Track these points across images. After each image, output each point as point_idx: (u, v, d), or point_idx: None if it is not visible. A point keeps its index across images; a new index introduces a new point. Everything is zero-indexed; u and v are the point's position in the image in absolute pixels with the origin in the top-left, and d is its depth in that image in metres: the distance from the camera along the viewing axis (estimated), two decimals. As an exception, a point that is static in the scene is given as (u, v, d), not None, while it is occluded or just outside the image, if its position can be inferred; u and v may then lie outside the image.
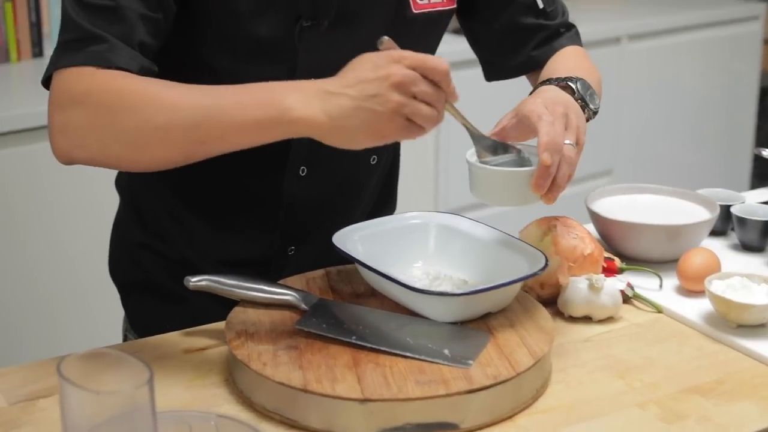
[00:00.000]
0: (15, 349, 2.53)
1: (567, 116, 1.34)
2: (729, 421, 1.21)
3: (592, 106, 1.45)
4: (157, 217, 1.51)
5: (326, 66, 1.38)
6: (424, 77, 1.19)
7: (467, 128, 1.34)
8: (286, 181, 1.44)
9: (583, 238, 1.47)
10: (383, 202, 1.63)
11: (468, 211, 3.22)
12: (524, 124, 1.36)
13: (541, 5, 1.58)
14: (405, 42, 1.45)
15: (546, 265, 1.33)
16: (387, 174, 1.62)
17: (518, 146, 1.39)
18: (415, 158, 3.00)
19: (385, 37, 1.21)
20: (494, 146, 1.36)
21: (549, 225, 1.47)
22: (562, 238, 1.45)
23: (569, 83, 1.44)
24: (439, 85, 1.20)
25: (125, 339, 1.60)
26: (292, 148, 1.42)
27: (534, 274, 1.31)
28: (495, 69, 1.63)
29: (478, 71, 1.66)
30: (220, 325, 1.40)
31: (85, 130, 1.22)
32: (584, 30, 3.34)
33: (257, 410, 1.21)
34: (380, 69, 1.18)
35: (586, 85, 1.45)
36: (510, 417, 1.21)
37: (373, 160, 1.53)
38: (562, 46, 1.60)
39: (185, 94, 1.22)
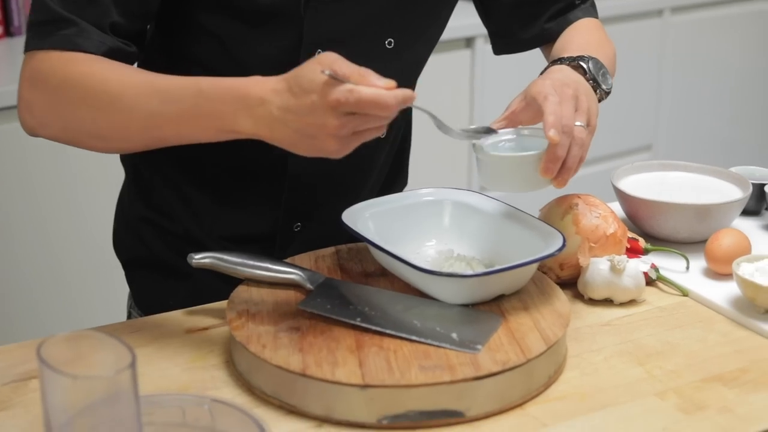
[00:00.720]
0: (19, 327, 2.50)
1: (577, 98, 1.29)
2: (751, 412, 1.15)
3: (604, 87, 1.39)
4: (160, 191, 1.47)
5: (333, 36, 1.34)
6: None
7: (439, 125, 1.26)
8: (291, 155, 1.39)
9: (606, 217, 1.40)
10: (393, 179, 1.57)
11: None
12: (533, 107, 1.31)
13: None
14: (418, 12, 1.40)
15: (563, 245, 1.26)
16: (398, 149, 1.56)
17: (526, 130, 1.34)
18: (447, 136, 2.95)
19: (328, 72, 1.11)
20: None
21: (570, 203, 1.41)
22: (583, 217, 1.39)
23: (581, 63, 1.38)
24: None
25: (129, 316, 1.57)
26: None
27: (549, 256, 1.25)
28: (505, 42, 1.57)
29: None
30: (224, 303, 1.36)
31: (47, 112, 1.25)
32: (626, 2, 3.31)
33: (256, 394, 1.16)
34: (317, 115, 1.11)
35: (599, 65, 1.39)
36: (520, 405, 1.15)
37: (381, 134, 1.47)
38: (577, 19, 1.53)
39: (145, 95, 1.21)
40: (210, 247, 1.41)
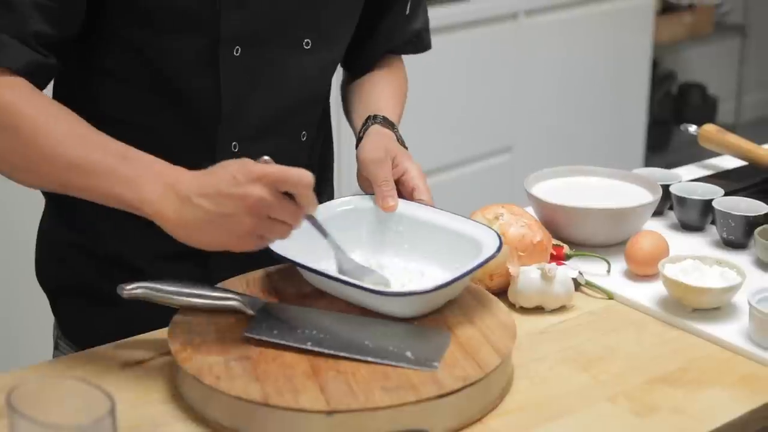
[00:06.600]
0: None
1: None
2: (701, 410, 1.18)
3: None
4: (85, 213, 1.41)
5: (250, 35, 1.32)
6: (284, 192, 1.15)
7: (330, 243, 1.29)
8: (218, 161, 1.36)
9: (531, 225, 1.42)
10: (320, 189, 1.55)
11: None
12: None
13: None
14: (332, 10, 1.42)
15: (501, 241, 1.27)
16: (321, 156, 1.55)
17: None
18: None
19: (266, 157, 1.16)
20: (357, 269, 1.30)
21: (495, 214, 1.42)
22: (510, 226, 1.41)
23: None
24: (297, 198, 1.16)
25: (56, 346, 1.50)
26: (221, 127, 1.37)
27: (492, 257, 1.25)
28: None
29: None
30: (156, 333, 1.32)
31: None
32: (482, 6, 3.36)
33: (212, 427, 1.13)
34: (239, 186, 1.13)
35: None
36: (479, 419, 1.15)
37: (303, 137, 1.46)
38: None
39: (70, 141, 1.20)
40: (142, 268, 1.38)
